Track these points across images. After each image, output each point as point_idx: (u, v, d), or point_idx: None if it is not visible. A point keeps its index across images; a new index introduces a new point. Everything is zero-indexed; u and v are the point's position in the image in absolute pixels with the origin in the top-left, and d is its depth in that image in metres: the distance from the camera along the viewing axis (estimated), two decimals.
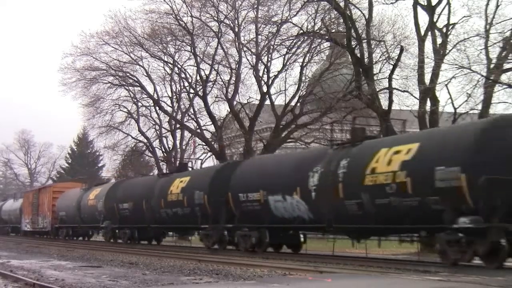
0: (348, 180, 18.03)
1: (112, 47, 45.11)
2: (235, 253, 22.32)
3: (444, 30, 28.62)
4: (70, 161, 79.68)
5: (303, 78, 38.90)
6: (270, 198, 21.35)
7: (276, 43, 37.52)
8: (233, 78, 40.76)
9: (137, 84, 47.58)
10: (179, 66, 44.93)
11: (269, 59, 38.70)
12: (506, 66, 26.45)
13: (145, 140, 51.10)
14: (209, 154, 45.94)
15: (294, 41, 37.23)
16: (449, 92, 27.36)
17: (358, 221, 17.93)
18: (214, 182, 24.33)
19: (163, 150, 50.65)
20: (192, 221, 25.73)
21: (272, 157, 27.21)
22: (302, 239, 22.91)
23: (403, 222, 16.38)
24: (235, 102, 40.65)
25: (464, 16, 27.78)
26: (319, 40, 36.70)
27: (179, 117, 47.73)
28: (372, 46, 31.63)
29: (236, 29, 38.82)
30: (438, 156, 15.24)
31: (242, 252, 22.39)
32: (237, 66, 40.10)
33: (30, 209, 46.35)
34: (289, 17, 35.68)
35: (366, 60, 31.08)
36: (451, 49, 27.44)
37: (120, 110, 49.74)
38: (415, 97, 30.16)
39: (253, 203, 22.29)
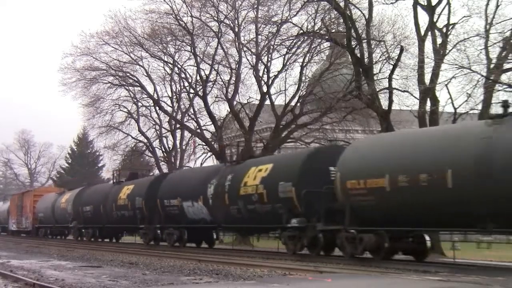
0: (231, 190, 23.08)
1: (112, 47, 45.20)
2: (234, 253, 22.36)
3: (444, 30, 28.62)
4: (70, 161, 79.66)
5: (303, 78, 38.93)
6: (184, 204, 26.71)
7: (276, 43, 37.55)
8: (233, 78, 40.78)
9: (137, 84, 47.60)
10: (179, 66, 44.98)
11: (269, 59, 38.75)
12: (506, 66, 26.43)
13: (145, 140, 51.14)
14: (209, 154, 46.01)
15: (294, 41, 37.24)
16: (449, 92, 27.37)
17: (238, 222, 23.30)
18: (149, 190, 29.64)
19: (163, 150, 50.70)
20: (134, 222, 30.98)
21: (187, 171, 32.89)
22: (214, 237, 28.81)
23: (264, 223, 21.81)
24: (235, 102, 40.66)
25: (464, 16, 27.78)
26: (319, 40, 36.70)
27: (179, 117, 47.74)
28: (372, 46, 31.62)
29: (236, 29, 38.83)
30: (281, 174, 20.78)
31: (169, 247, 27.41)
32: (237, 66, 40.12)
33: (16, 211, 50.68)
34: (289, 17, 35.71)
35: (366, 60, 31.07)
36: (451, 49, 27.44)
37: (120, 110, 49.83)
38: (415, 97, 30.18)
39: (173, 208, 27.67)
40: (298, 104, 39.08)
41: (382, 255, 17.27)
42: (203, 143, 45.19)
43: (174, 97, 48.20)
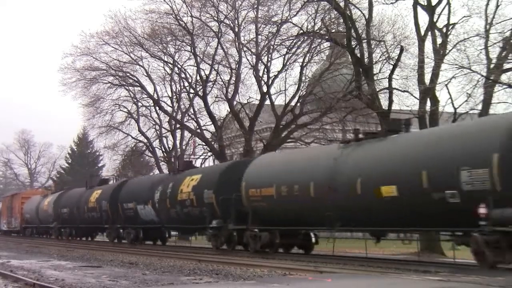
0: (171, 196, 27.28)
1: (112, 47, 45.19)
2: (234, 253, 22.36)
3: (444, 30, 28.62)
4: (70, 161, 79.64)
5: (303, 78, 38.92)
6: (138, 207, 31.21)
7: (276, 43, 37.56)
8: (233, 78, 40.79)
9: (137, 84, 47.59)
10: (179, 66, 44.98)
11: (269, 59, 38.75)
12: (506, 66, 26.44)
13: (145, 140, 51.11)
14: (209, 154, 45.99)
15: (294, 41, 37.25)
16: (449, 92, 27.36)
17: (177, 222, 27.86)
18: (113, 194, 33.48)
19: (163, 150, 50.68)
20: (103, 222, 35.06)
21: (142, 178, 37.14)
22: (166, 235, 33.09)
23: (196, 224, 25.76)
24: (235, 102, 40.66)
25: (464, 16, 27.79)
26: (319, 40, 36.69)
27: (179, 117, 47.72)
28: (372, 46, 31.62)
29: (236, 29, 38.83)
30: (206, 183, 24.87)
31: (128, 244, 30.99)
32: (237, 66, 40.12)
33: (6, 212, 54.69)
34: (289, 17, 35.71)
35: (366, 60, 31.07)
36: (451, 49, 27.44)
37: (120, 110, 49.81)
38: (415, 97, 30.17)
39: (130, 210, 32.04)
40: (298, 104, 39.07)
41: (275, 249, 21.75)
42: (203, 143, 45.22)
43: (174, 97, 48.22)
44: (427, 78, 28.37)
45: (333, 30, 35.16)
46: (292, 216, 20.18)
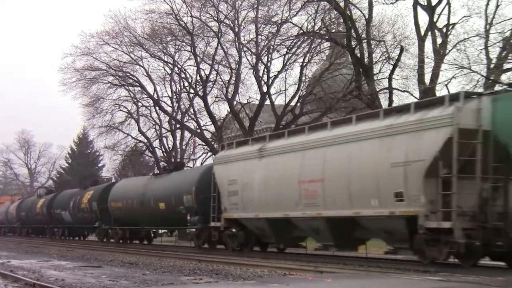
0: (76, 206, 37.77)
1: (112, 47, 45.19)
2: (234, 253, 22.35)
3: (444, 30, 28.65)
4: (70, 161, 79.58)
5: (303, 78, 38.93)
6: (63, 213, 40.68)
7: (276, 43, 37.57)
8: (233, 78, 40.79)
9: (137, 84, 47.61)
10: (179, 66, 44.99)
11: (269, 59, 38.76)
12: (506, 66, 26.46)
13: (145, 140, 51.14)
14: (209, 154, 45.99)
15: (294, 41, 37.26)
16: (449, 92, 27.35)
17: (82, 223, 38.29)
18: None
19: (163, 150, 50.71)
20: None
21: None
22: (86, 233, 41.98)
23: (89, 224, 36.99)
24: (235, 102, 40.66)
25: (464, 16, 27.83)
26: (319, 40, 36.71)
27: (179, 117, 47.74)
28: (372, 46, 31.65)
29: (236, 29, 38.84)
30: (94, 197, 36.20)
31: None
32: (237, 66, 40.13)
33: None
34: (289, 17, 35.74)
35: (366, 60, 31.10)
36: (451, 49, 27.48)
37: (120, 110, 49.83)
38: (415, 97, 30.19)
39: (57, 214, 41.66)
40: (298, 104, 39.08)
41: (127, 240, 33.61)
42: (203, 143, 45.22)
43: (174, 97, 48.26)
44: (427, 78, 28.40)
45: (333, 30, 35.19)
46: (131, 219, 31.61)
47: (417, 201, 15.01)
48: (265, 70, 38.66)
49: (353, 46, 31.73)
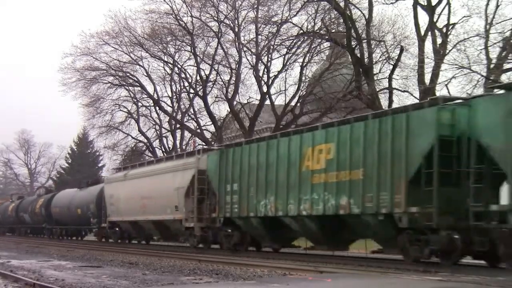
0: (33, 210, 44.46)
1: (112, 47, 45.21)
2: (234, 253, 22.37)
3: (444, 30, 28.64)
4: (70, 161, 79.53)
5: (303, 78, 38.95)
6: (25, 216, 46.95)
7: (276, 43, 37.59)
8: (233, 78, 40.81)
9: (137, 84, 47.62)
10: (179, 66, 45.00)
11: (269, 59, 38.78)
12: (506, 66, 26.45)
13: (145, 140, 51.15)
14: None
15: (294, 41, 37.27)
16: (449, 92, 27.37)
17: (36, 224, 45.93)
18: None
19: (163, 150, 50.67)
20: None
21: (26, 199, 50.02)
22: (40, 232, 46.91)
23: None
24: (235, 102, 40.67)
25: (464, 16, 27.84)
26: (319, 40, 36.72)
27: (179, 117, 47.75)
28: (372, 46, 31.65)
29: (236, 29, 38.85)
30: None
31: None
32: (237, 66, 40.15)
33: None
34: (289, 17, 35.75)
35: (366, 60, 31.09)
36: (451, 49, 27.49)
37: (120, 110, 49.84)
38: (415, 97, 30.21)
39: (21, 217, 47.46)
40: (298, 104, 39.08)
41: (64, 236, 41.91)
42: (203, 143, 45.20)
43: (174, 97, 48.25)
44: (427, 78, 28.40)
45: (333, 30, 35.19)
46: (64, 221, 40.38)
47: (182, 210, 24.99)
48: (265, 70, 38.70)
49: (353, 46, 31.73)
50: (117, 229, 32.60)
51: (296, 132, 20.57)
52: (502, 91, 14.38)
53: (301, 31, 35.68)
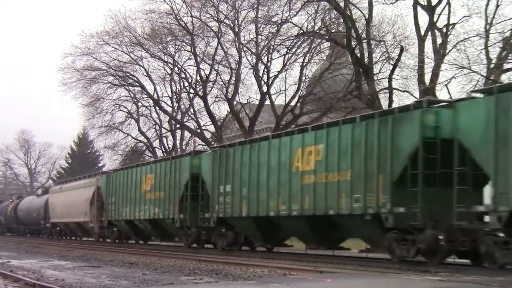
0: (7, 213, 52.58)
1: (112, 47, 45.23)
2: (234, 253, 22.38)
3: (444, 30, 28.64)
4: (70, 161, 79.56)
5: (303, 78, 38.95)
6: (1, 218, 53.57)
7: (276, 43, 37.58)
8: (233, 78, 40.81)
9: (137, 84, 47.63)
10: (179, 66, 45.02)
11: (269, 59, 38.77)
12: (506, 66, 26.45)
13: (145, 140, 51.17)
14: None
15: (294, 41, 37.26)
16: (449, 92, 27.39)
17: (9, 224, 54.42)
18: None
19: (163, 150, 50.70)
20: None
21: (5, 203, 56.64)
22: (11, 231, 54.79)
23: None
24: (235, 102, 40.67)
25: (464, 16, 27.83)
26: (319, 40, 36.72)
27: (179, 117, 47.75)
28: (372, 46, 31.65)
29: (236, 29, 38.85)
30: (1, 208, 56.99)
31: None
32: (237, 66, 40.15)
33: None
34: (289, 17, 35.74)
35: (366, 60, 31.09)
36: (451, 49, 27.48)
37: (120, 110, 49.89)
38: (415, 97, 30.18)
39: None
40: (298, 104, 39.08)
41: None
42: (203, 143, 45.21)
43: (174, 97, 48.27)
44: (427, 78, 28.39)
45: (333, 30, 35.18)
46: (26, 222, 48.64)
47: (88, 215, 34.43)
48: (265, 70, 38.71)
49: (353, 46, 31.72)
50: (58, 228, 41.88)
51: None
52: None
53: (301, 31, 35.68)
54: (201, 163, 24.22)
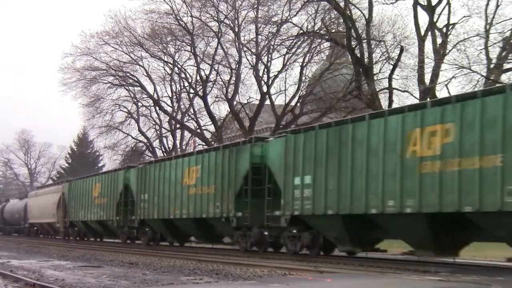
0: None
1: (112, 47, 45.25)
2: (234, 253, 22.38)
3: (444, 30, 28.64)
4: (70, 161, 79.61)
5: (303, 78, 38.97)
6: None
7: (276, 43, 37.60)
8: (233, 78, 40.83)
9: (137, 84, 47.64)
10: (179, 66, 45.03)
11: (269, 59, 38.80)
12: (506, 66, 26.45)
13: (145, 140, 51.18)
14: None
15: (294, 41, 37.28)
16: (449, 92, 27.39)
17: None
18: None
19: (163, 150, 50.71)
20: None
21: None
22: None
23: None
24: (235, 102, 40.68)
25: (464, 16, 27.85)
26: (319, 40, 36.73)
27: (179, 117, 47.76)
28: (372, 46, 31.65)
29: (236, 29, 38.86)
30: None
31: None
32: (237, 66, 40.17)
33: None
34: (289, 17, 35.76)
35: (366, 60, 31.09)
36: (451, 49, 27.49)
37: (120, 110, 49.91)
38: (415, 97, 30.22)
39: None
40: (298, 104, 39.09)
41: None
42: (203, 143, 45.22)
43: (174, 97, 48.28)
44: (427, 78, 28.40)
45: (333, 30, 35.20)
46: (11, 222, 52.86)
47: (55, 216, 39.03)
48: (265, 70, 38.72)
49: (353, 46, 31.73)
50: (35, 228, 46.61)
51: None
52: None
53: (301, 31, 35.69)
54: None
